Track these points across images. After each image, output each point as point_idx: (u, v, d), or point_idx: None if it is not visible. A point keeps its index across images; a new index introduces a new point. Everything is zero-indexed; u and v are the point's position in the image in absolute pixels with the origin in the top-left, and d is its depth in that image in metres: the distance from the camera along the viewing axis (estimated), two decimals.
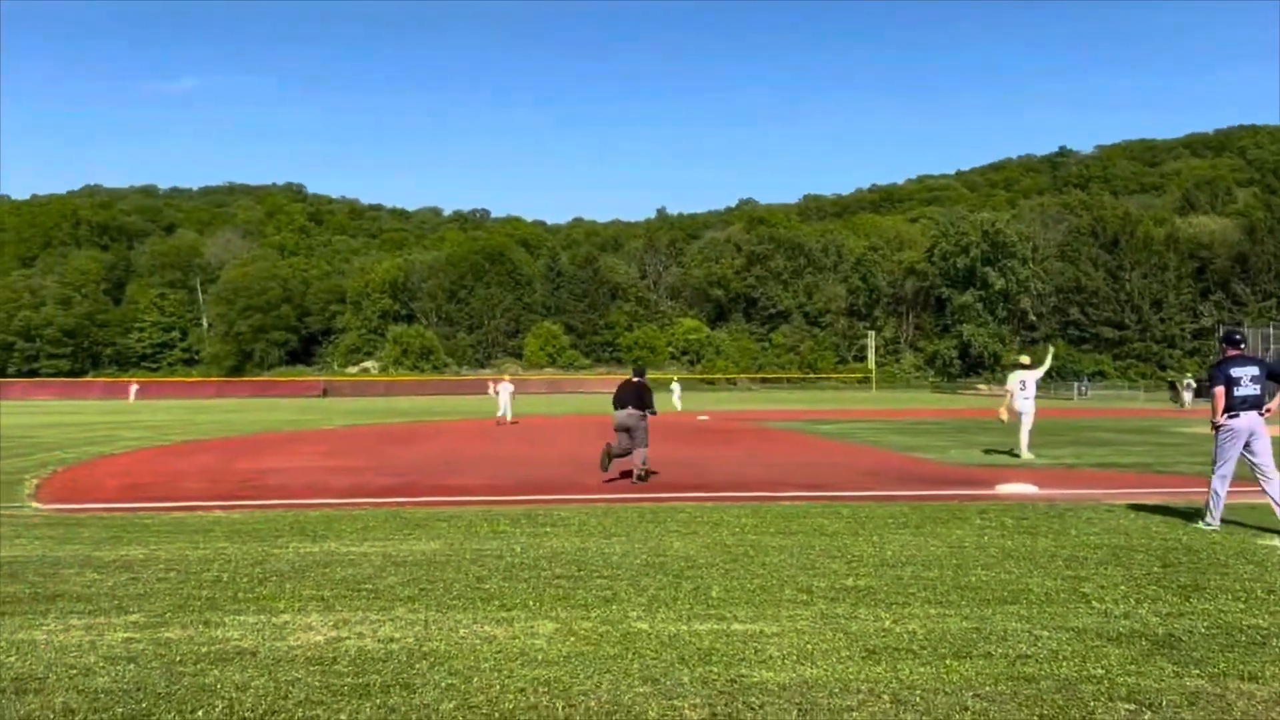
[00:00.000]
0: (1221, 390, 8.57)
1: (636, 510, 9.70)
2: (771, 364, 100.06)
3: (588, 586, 6.15)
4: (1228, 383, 8.55)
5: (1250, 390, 8.49)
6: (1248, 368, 8.57)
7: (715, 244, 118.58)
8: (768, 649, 4.74)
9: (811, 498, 10.73)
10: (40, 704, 4.04)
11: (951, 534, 8.07)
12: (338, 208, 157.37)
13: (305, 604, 5.71)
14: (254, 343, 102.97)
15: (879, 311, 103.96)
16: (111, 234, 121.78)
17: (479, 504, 10.39)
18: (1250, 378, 8.51)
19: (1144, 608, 5.56)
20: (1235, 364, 8.60)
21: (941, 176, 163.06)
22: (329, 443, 21.00)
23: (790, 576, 6.41)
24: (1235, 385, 8.54)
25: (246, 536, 8.16)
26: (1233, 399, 8.53)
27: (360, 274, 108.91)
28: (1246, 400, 8.49)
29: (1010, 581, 6.24)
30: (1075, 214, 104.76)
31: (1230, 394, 8.53)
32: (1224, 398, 8.54)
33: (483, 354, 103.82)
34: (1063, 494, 10.99)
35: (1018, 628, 5.12)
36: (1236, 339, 8.82)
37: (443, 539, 7.98)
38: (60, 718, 3.89)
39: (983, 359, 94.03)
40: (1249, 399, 8.49)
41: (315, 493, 11.57)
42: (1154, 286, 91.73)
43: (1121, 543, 7.67)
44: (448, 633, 5.07)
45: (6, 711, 3.97)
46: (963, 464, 15.08)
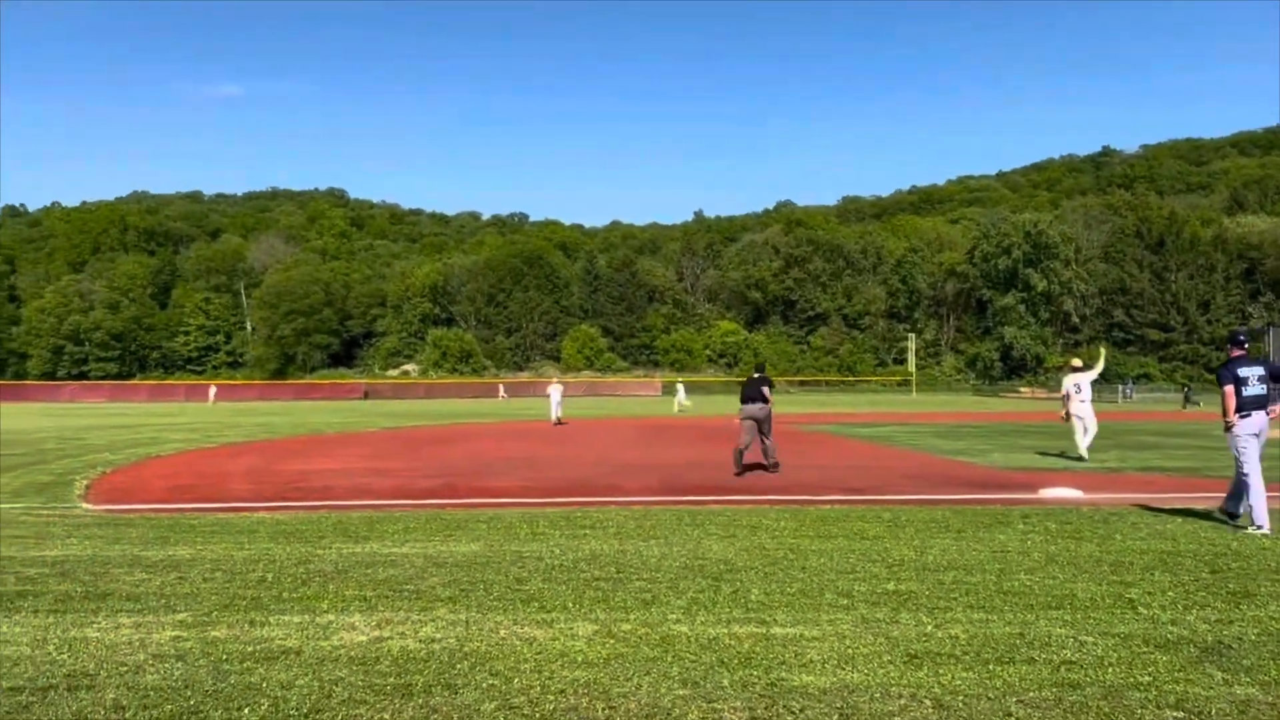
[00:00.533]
0: (1231, 389, 8.67)
1: (674, 513, 9.70)
2: (810, 367, 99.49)
3: (627, 589, 6.16)
4: (1236, 382, 8.67)
5: (1258, 390, 8.66)
6: (1254, 368, 8.73)
7: (753, 246, 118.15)
8: (808, 653, 4.72)
9: (851, 501, 10.67)
10: (91, 700, 4.12)
11: (994, 538, 7.99)
12: (378, 212, 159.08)
13: (348, 604, 5.78)
14: (296, 346, 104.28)
15: (919, 314, 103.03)
16: (158, 239, 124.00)
17: (518, 506, 10.44)
18: (1257, 378, 8.69)
19: (1192, 614, 5.46)
20: (1242, 364, 8.73)
21: (982, 177, 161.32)
22: (370, 445, 21.20)
23: (830, 580, 6.38)
24: (1244, 385, 8.67)
25: (290, 537, 8.27)
26: (1243, 399, 8.65)
27: (400, 278, 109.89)
28: (1255, 400, 8.66)
29: (1054, 587, 6.16)
30: (1120, 214, 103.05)
31: (1240, 394, 8.65)
32: (1233, 397, 8.65)
33: (521, 357, 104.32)
34: (1107, 498, 10.83)
35: (1062, 633, 5.06)
36: (1241, 339, 8.93)
37: (483, 540, 8.03)
38: (111, 714, 3.97)
39: (1025, 361, 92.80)
40: (1258, 399, 8.66)
41: (358, 494, 11.69)
42: (1201, 288, 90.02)
43: (1168, 548, 7.55)
44: (488, 634, 5.10)
45: (59, 708, 4.06)
46: (1005, 468, 14.90)
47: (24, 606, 5.77)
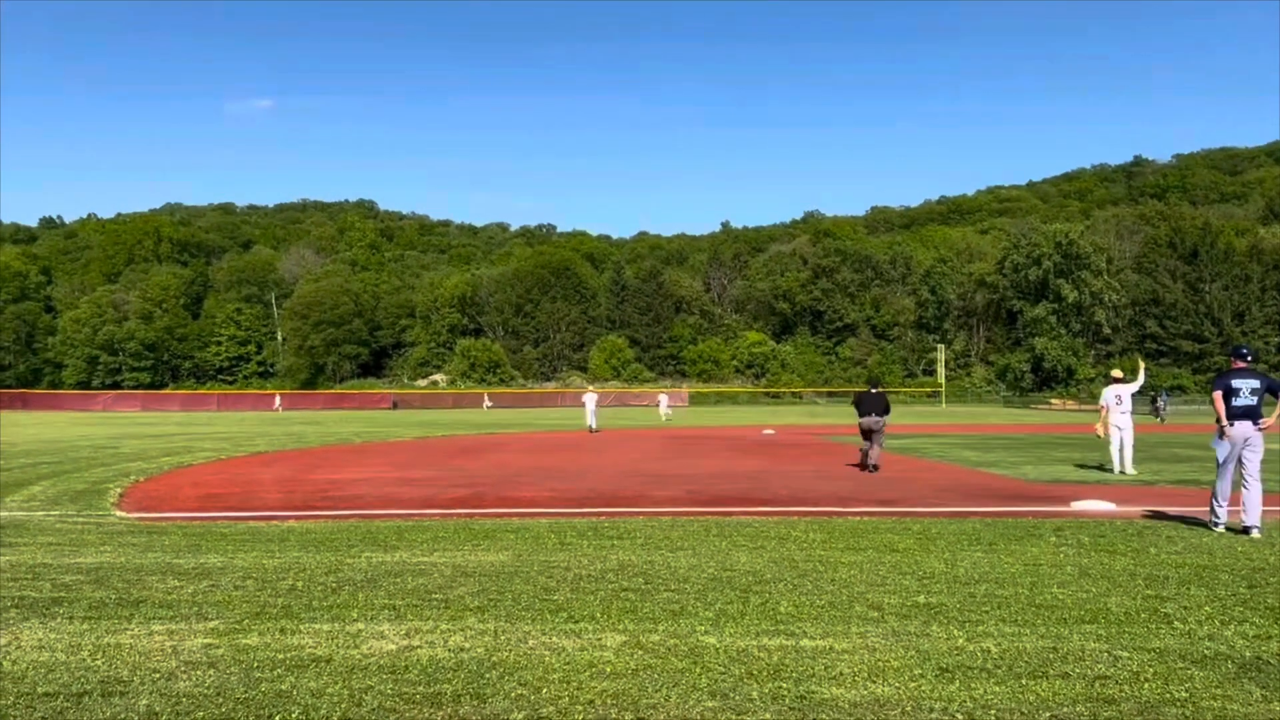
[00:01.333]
0: (1219, 395, 9.27)
1: (703, 524, 9.68)
2: (838, 378, 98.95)
3: (655, 600, 6.15)
4: (1226, 393, 9.25)
5: (1248, 401, 9.17)
6: (1249, 381, 9.23)
7: (780, 257, 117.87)
8: (838, 665, 4.69)
9: (880, 513, 10.59)
10: (125, 706, 4.17)
11: (1026, 551, 7.90)
12: (408, 224, 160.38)
13: (378, 613, 5.81)
14: (326, 356, 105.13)
15: (948, 324, 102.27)
16: (191, 250, 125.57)
17: (546, 516, 10.46)
18: (1250, 390, 9.19)
19: (1229, 629, 5.38)
20: (1237, 376, 9.28)
21: (1012, 187, 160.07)
22: (399, 454, 21.32)
23: (860, 593, 6.33)
24: (1234, 396, 9.23)
25: (320, 546, 8.33)
26: (1231, 408, 9.20)
27: (429, 288, 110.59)
28: (1243, 410, 9.16)
29: (1088, 600, 6.08)
30: (1152, 225, 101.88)
31: (1229, 404, 9.20)
32: (1221, 404, 9.23)
33: (548, 367, 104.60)
34: (1141, 511, 10.68)
35: (1096, 648, 4.99)
36: (1244, 353, 9.55)
37: (511, 550, 8.05)
38: None
39: (1056, 373, 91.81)
40: (1246, 409, 9.16)
41: (387, 503, 11.75)
42: (1235, 298, 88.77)
43: (1204, 562, 7.44)
44: (517, 643, 5.11)
45: (93, 713, 4.10)
46: (1037, 480, 14.75)
47: (59, 613, 5.84)
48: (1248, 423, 9.18)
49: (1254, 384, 9.21)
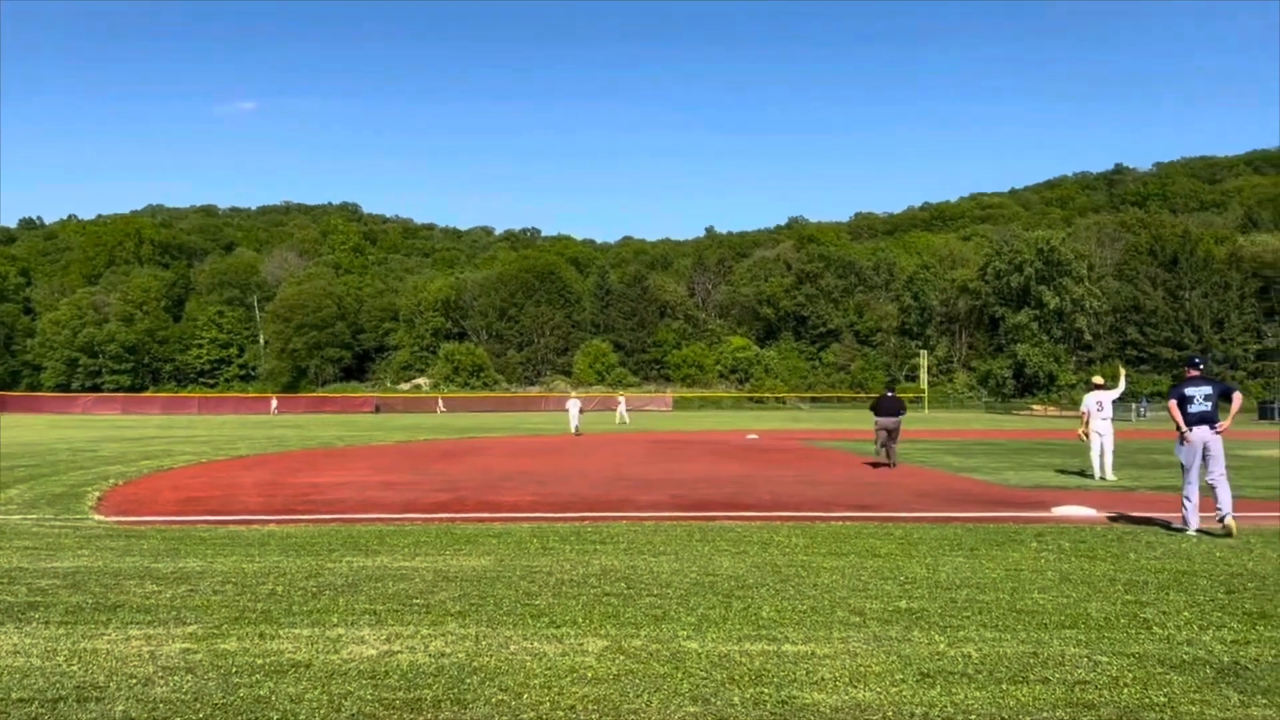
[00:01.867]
0: (1174, 404, 9.78)
1: (685, 529, 9.68)
2: (821, 383, 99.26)
3: (637, 604, 6.14)
4: (1180, 401, 9.70)
5: (1202, 407, 9.59)
6: (1201, 388, 9.67)
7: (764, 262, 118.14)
8: (819, 671, 4.69)
9: (863, 518, 10.62)
10: (101, 712, 4.12)
11: (1007, 557, 7.94)
12: (391, 227, 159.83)
13: (358, 618, 5.78)
14: (309, 359, 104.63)
15: (931, 330, 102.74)
16: (172, 253, 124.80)
17: (529, 520, 10.43)
18: (1203, 396, 9.62)
19: (1208, 634, 5.41)
20: (1190, 384, 9.75)
21: (995, 194, 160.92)
22: (382, 458, 21.23)
23: (842, 598, 6.34)
24: (1189, 403, 9.66)
25: (301, 550, 8.28)
26: (1188, 415, 9.62)
27: (413, 292, 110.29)
28: (1199, 416, 9.56)
29: (1068, 606, 6.11)
30: (1133, 232, 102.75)
31: (1185, 411, 9.63)
32: (1177, 412, 9.70)
33: (532, 371, 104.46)
34: (1121, 517, 10.75)
35: (1076, 653, 5.02)
36: (1197, 362, 10.10)
37: (493, 555, 8.02)
38: None
39: (1038, 379, 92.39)
40: (1201, 415, 9.55)
41: (368, 508, 11.70)
42: (1215, 306, 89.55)
43: (1184, 567, 7.49)
44: (498, 648, 5.09)
45: (69, 719, 4.05)
46: (1018, 486, 14.82)
47: (35, 618, 5.78)
48: (1205, 427, 9.56)
49: (1206, 390, 9.65)
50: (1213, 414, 9.60)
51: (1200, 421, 9.57)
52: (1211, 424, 9.56)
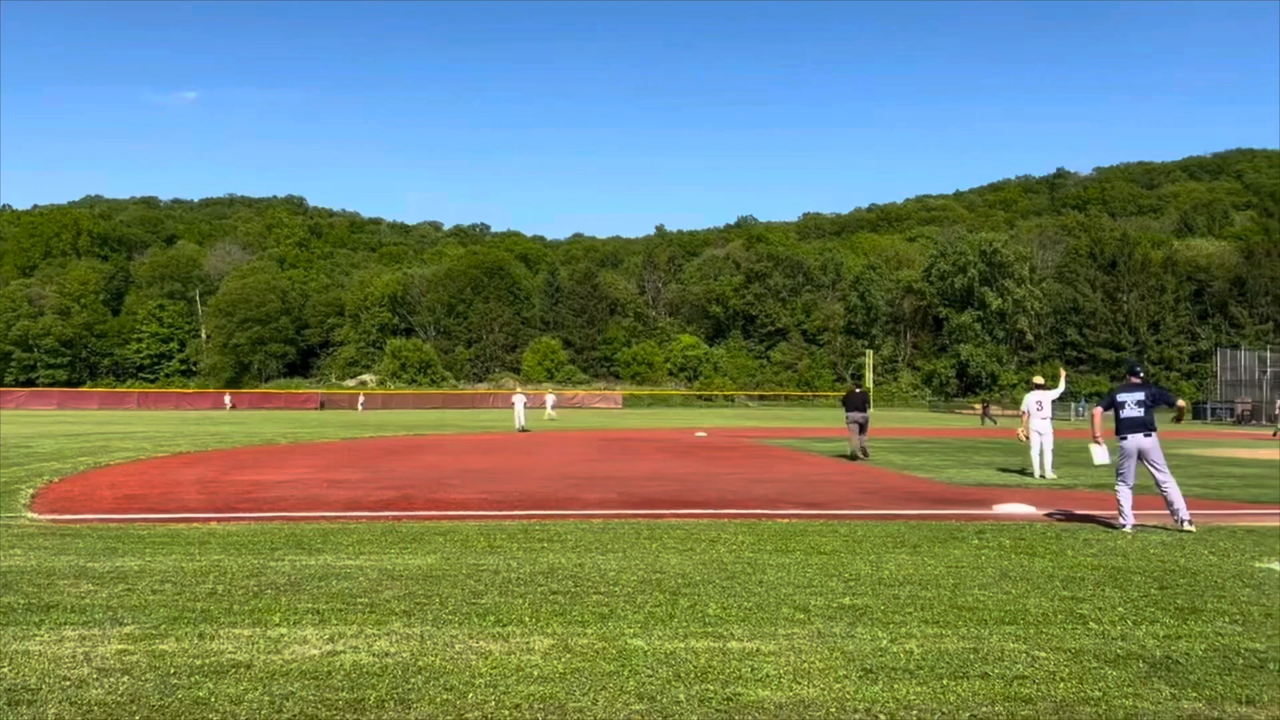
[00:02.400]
0: (1098, 411, 10.22)
1: (633, 526, 9.69)
2: (769, 381, 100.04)
3: (584, 603, 6.13)
4: (1115, 407, 9.95)
5: (1135, 413, 9.79)
6: (1134, 394, 9.90)
7: (714, 261, 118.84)
8: (764, 667, 4.72)
9: (809, 516, 10.72)
10: (33, 715, 4.02)
11: (949, 554, 8.07)
12: (338, 221, 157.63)
13: (300, 617, 5.70)
14: (252, 355, 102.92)
15: (876, 330, 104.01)
16: (111, 245, 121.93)
17: (476, 518, 10.37)
18: (1135, 402, 9.84)
19: (1141, 630, 5.55)
20: (1124, 390, 10.01)
21: (940, 197, 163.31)
22: (326, 455, 20.96)
23: (787, 595, 6.40)
24: (1122, 409, 9.89)
25: (242, 549, 8.14)
26: (1121, 420, 9.85)
27: (359, 287, 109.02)
28: (1133, 422, 9.77)
29: (1008, 602, 6.23)
30: (1073, 235, 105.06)
31: (1119, 416, 9.87)
32: (1100, 418, 10.17)
33: (481, 368, 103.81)
34: (1060, 514, 10.97)
35: (1015, 648, 5.11)
36: (1137, 369, 10.33)
37: (439, 553, 7.96)
38: None
39: (980, 379, 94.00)
40: (1135, 420, 9.76)
41: (312, 505, 11.54)
42: (1151, 308, 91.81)
43: (1119, 564, 7.66)
44: (443, 648, 5.05)
45: None
46: (961, 484, 15.07)
47: None
48: (1139, 434, 9.76)
49: (1139, 396, 9.86)
50: (1147, 419, 9.76)
51: (1134, 428, 9.75)
52: (1146, 430, 9.73)
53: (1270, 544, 8.76)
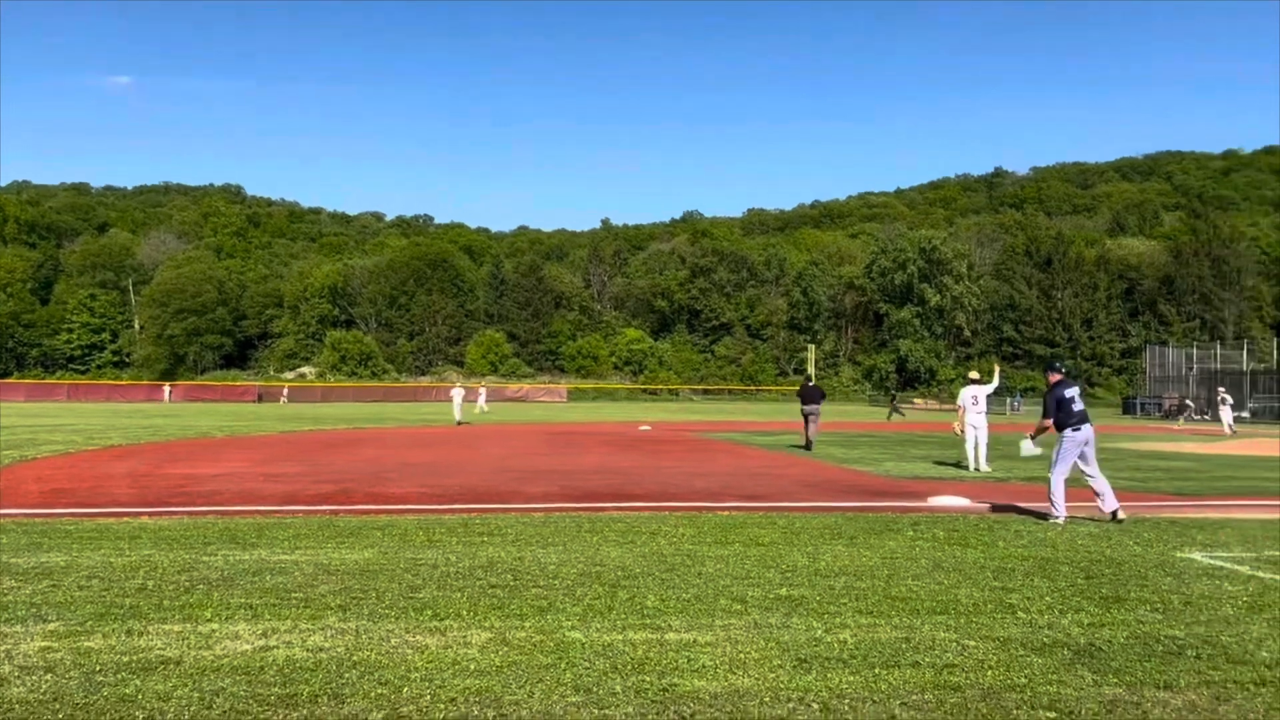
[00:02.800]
0: (1050, 422, 10.20)
1: (574, 520, 9.69)
2: (713, 375, 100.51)
3: (523, 596, 6.12)
4: (1063, 402, 10.12)
5: (1082, 405, 10.17)
6: (1075, 388, 10.32)
7: (660, 255, 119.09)
8: (701, 658, 4.76)
9: (749, 508, 10.81)
10: None
11: (884, 545, 8.20)
12: (276, 210, 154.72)
13: (233, 613, 5.61)
14: (187, 346, 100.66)
15: (819, 325, 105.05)
16: (40, 232, 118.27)
17: (415, 513, 10.28)
18: (1080, 395, 10.24)
19: (1067, 618, 5.69)
20: (1066, 386, 10.29)
21: (882, 194, 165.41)
22: (263, 449, 20.62)
23: (725, 586, 6.45)
24: (1071, 403, 10.11)
25: (174, 544, 7.98)
26: (1072, 414, 10.05)
27: (299, 278, 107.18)
28: (1083, 414, 10.10)
29: (940, 592, 6.35)
30: (1010, 233, 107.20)
31: (1069, 411, 10.05)
32: (1051, 417, 10.18)
33: (423, 361, 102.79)
34: (993, 506, 11.21)
35: (946, 637, 5.21)
36: (1058, 366, 10.76)
37: (377, 548, 7.88)
38: None
39: (919, 374, 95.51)
40: (1084, 412, 10.12)
41: (247, 500, 11.35)
42: (1085, 305, 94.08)
43: (1048, 555, 7.85)
44: (379, 642, 5.01)
45: None
46: (898, 476, 15.31)
47: None
48: (1088, 425, 10.05)
49: (1077, 389, 10.33)
50: (1086, 412, 10.17)
51: (1083, 420, 10.02)
52: (1089, 421, 10.09)
53: (1192, 534, 9.04)
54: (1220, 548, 8.27)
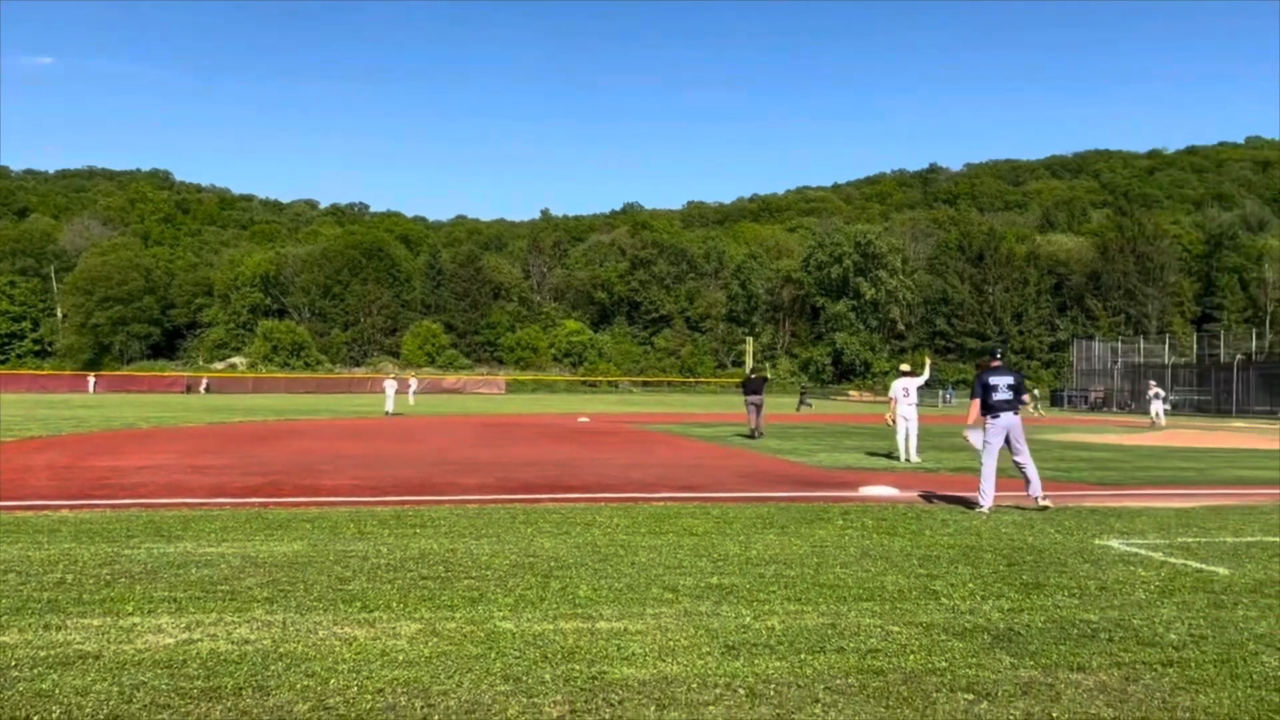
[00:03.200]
0: (977, 402, 10.47)
1: (508, 511, 9.67)
2: (653, 367, 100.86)
3: (454, 587, 6.10)
4: (986, 389, 10.39)
5: (1005, 396, 10.32)
6: (1004, 377, 10.43)
7: (600, 247, 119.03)
8: (630, 646, 4.80)
9: (683, 499, 10.89)
10: None
11: (814, 534, 8.32)
12: (207, 197, 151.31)
13: (156, 606, 5.50)
14: (113, 335, 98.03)
15: (757, 318, 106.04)
16: None
17: (346, 505, 10.17)
18: (1006, 386, 10.36)
19: (988, 604, 5.84)
20: (994, 374, 10.49)
21: (819, 189, 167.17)
22: (191, 441, 20.19)
23: (657, 575, 6.50)
24: (994, 391, 10.35)
25: (96, 537, 7.79)
26: (995, 402, 10.29)
27: (229, 266, 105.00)
28: (1004, 404, 10.28)
29: (867, 579, 6.47)
30: (944, 229, 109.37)
31: (991, 398, 10.31)
32: (977, 408, 10.49)
33: (358, 351, 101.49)
34: (921, 496, 11.44)
35: (871, 623, 5.32)
36: (998, 354, 11.10)
37: (306, 540, 7.79)
38: None
39: (854, 366, 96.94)
40: (1005, 403, 10.28)
41: (173, 492, 11.12)
42: (1015, 300, 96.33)
43: (972, 543, 8.05)
44: (306, 634, 4.96)
45: None
46: (830, 467, 15.53)
47: None
48: (1009, 413, 10.27)
49: (1009, 380, 10.42)
50: (1013, 402, 10.35)
51: (1005, 408, 10.26)
52: (1014, 410, 10.31)
53: (1110, 522, 9.33)
54: (1136, 535, 8.55)
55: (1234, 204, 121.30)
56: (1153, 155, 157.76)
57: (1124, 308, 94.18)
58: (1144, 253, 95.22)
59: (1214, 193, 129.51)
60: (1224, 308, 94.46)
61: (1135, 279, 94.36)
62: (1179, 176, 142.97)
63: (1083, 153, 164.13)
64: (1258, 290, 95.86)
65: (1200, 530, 8.92)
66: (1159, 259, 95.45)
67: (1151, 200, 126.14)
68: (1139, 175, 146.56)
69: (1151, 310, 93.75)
